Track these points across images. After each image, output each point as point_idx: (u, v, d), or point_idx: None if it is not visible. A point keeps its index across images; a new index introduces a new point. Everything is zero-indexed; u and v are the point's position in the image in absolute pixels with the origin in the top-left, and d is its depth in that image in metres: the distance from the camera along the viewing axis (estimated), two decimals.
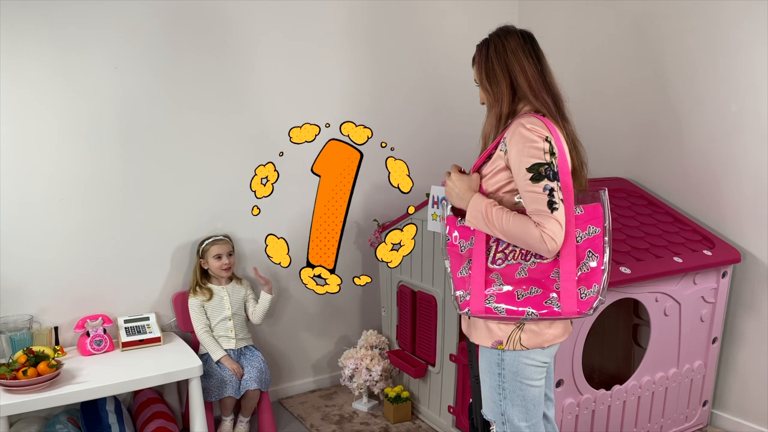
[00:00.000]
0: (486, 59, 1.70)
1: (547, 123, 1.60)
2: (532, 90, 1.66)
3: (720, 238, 2.65)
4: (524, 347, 1.61)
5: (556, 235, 1.50)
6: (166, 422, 2.46)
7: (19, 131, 2.40)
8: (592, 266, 1.54)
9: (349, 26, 3.06)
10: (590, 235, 1.55)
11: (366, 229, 3.23)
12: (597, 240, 1.54)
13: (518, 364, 1.62)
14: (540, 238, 1.49)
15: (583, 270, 1.54)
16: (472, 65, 1.79)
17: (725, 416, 2.77)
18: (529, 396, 1.65)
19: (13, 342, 2.35)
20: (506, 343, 1.61)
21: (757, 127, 2.55)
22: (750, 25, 2.53)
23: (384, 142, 2.85)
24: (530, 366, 1.63)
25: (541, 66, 1.70)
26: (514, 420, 1.67)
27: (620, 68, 3.05)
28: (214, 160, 2.80)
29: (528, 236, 1.51)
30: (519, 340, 1.60)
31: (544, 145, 1.54)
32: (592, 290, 1.54)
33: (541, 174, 1.52)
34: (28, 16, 2.35)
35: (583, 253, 1.55)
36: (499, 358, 1.63)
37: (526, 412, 1.66)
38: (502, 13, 3.52)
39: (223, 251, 2.68)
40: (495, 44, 1.70)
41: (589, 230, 1.55)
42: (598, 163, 3.20)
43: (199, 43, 2.69)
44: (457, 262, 1.66)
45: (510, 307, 1.56)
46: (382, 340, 3.07)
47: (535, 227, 1.50)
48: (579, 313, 1.54)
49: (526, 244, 1.53)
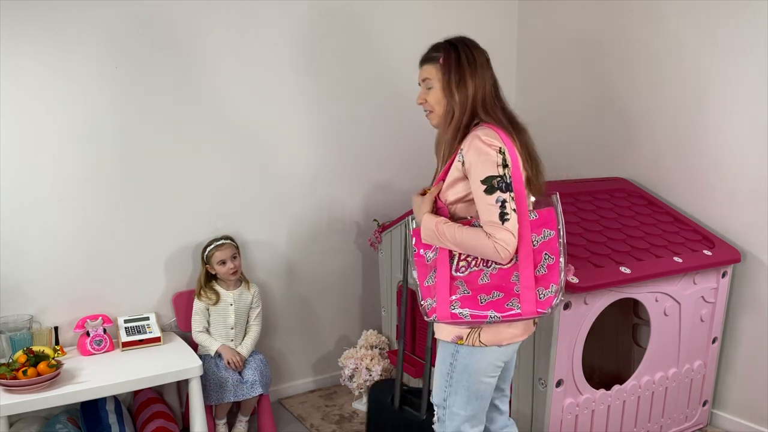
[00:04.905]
0: (458, 66, 1.72)
1: (502, 134, 1.66)
2: (485, 106, 1.72)
3: (720, 238, 2.65)
4: (483, 344, 1.70)
5: (508, 244, 1.58)
6: (166, 422, 2.46)
7: (19, 131, 2.40)
8: (549, 266, 1.62)
9: (356, 33, 3.06)
10: (546, 239, 1.63)
11: (366, 229, 3.23)
12: (552, 242, 1.63)
13: (471, 358, 1.72)
14: (493, 247, 1.58)
15: (541, 272, 1.63)
16: (425, 63, 1.79)
17: (725, 416, 2.77)
18: (473, 389, 1.75)
19: (13, 342, 2.35)
20: (466, 338, 1.70)
21: (757, 127, 2.55)
22: (750, 25, 2.53)
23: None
24: (483, 362, 1.72)
25: (496, 83, 1.77)
26: (454, 407, 1.78)
27: (620, 68, 3.05)
28: (214, 160, 2.80)
29: (481, 246, 1.60)
30: (478, 337, 1.70)
31: (498, 158, 1.61)
32: (549, 290, 1.62)
33: (494, 186, 1.60)
34: (29, 17, 2.35)
35: (540, 256, 1.63)
36: (455, 350, 1.73)
37: (467, 402, 1.77)
38: (502, 13, 3.53)
39: (227, 256, 2.65)
40: (466, 54, 1.73)
41: (545, 233, 1.63)
42: (598, 163, 3.21)
43: (198, 43, 2.69)
44: (424, 272, 1.74)
45: (474, 311, 1.64)
46: (382, 340, 3.07)
47: (487, 238, 1.59)
48: (539, 313, 1.62)
49: (480, 253, 1.62)
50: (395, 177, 3.29)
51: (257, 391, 2.60)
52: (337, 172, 3.13)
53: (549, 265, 1.62)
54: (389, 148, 3.27)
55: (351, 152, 3.16)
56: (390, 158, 3.27)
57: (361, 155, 3.19)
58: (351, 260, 3.25)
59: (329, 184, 3.12)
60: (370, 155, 3.22)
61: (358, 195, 3.22)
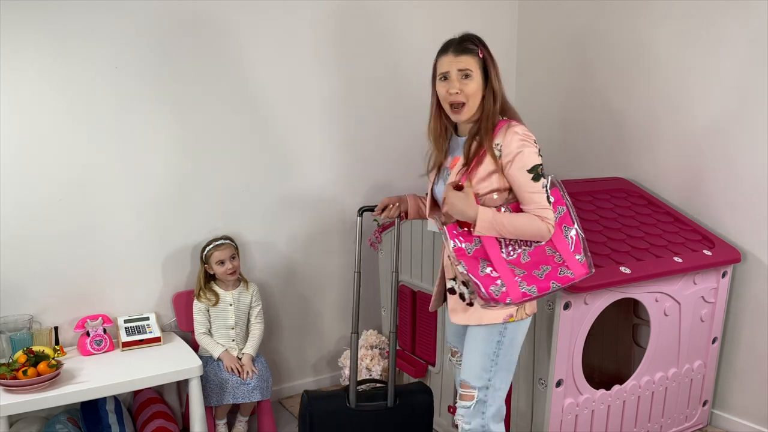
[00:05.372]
0: (493, 60, 1.82)
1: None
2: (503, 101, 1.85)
3: (720, 238, 2.65)
4: (527, 315, 1.86)
5: (553, 224, 1.77)
6: (166, 422, 2.46)
7: (19, 131, 2.40)
8: (572, 237, 1.82)
9: (345, 25, 3.06)
10: (560, 214, 1.83)
11: (366, 229, 3.23)
12: (566, 217, 1.84)
13: (517, 331, 1.86)
14: (547, 229, 1.76)
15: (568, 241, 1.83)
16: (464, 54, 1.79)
17: (725, 416, 2.77)
18: (513, 359, 1.89)
19: (13, 342, 2.35)
20: (516, 314, 1.83)
21: (757, 127, 2.55)
22: (751, 25, 2.53)
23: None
24: (525, 332, 1.89)
25: None
26: (498, 384, 1.87)
27: (620, 68, 3.05)
28: (214, 160, 2.80)
29: (537, 229, 1.75)
30: (524, 309, 1.85)
31: (536, 148, 1.77)
32: (582, 255, 1.83)
33: (539, 174, 1.76)
34: (29, 16, 2.35)
35: (561, 229, 1.83)
36: (502, 328, 1.83)
37: (509, 376, 1.90)
38: (502, 13, 3.53)
39: (226, 256, 2.64)
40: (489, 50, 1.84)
41: (559, 210, 1.83)
42: (598, 163, 3.21)
43: (198, 43, 2.69)
44: (473, 264, 1.79)
45: (539, 285, 1.78)
46: (382, 340, 3.08)
47: (541, 221, 1.75)
48: (587, 273, 1.82)
49: (535, 235, 1.77)
50: (395, 177, 3.29)
51: (256, 397, 2.60)
52: (337, 171, 3.13)
53: (571, 236, 1.82)
54: (389, 147, 3.26)
55: (351, 152, 3.16)
56: (390, 158, 3.27)
57: (362, 155, 3.19)
58: (351, 260, 3.25)
59: (329, 184, 3.12)
60: (370, 155, 3.22)
61: (358, 195, 3.22)
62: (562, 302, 2.12)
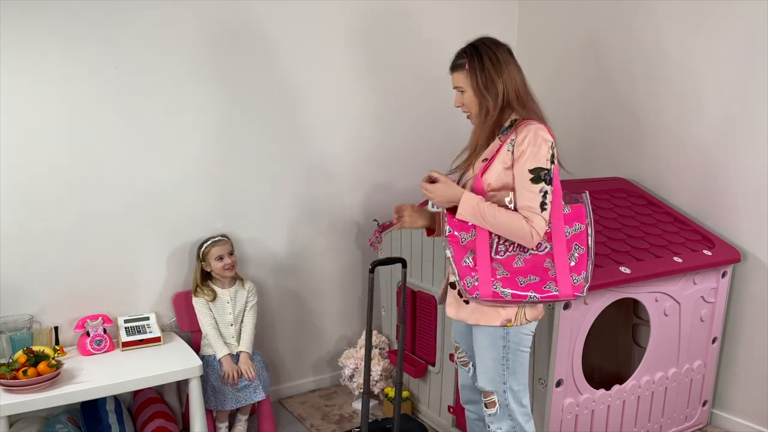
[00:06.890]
0: (482, 68, 1.84)
1: (550, 130, 1.81)
2: (520, 100, 1.85)
3: (720, 238, 2.65)
4: (528, 321, 1.86)
5: (540, 230, 1.74)
6: (166, 422, 2.46)
7: (19, 131, 2.40)
8: (579, 256, 1.82)
9: (355, 33, 3.06)
10: (576, 231, 1.83)
11: (366, 229, 3.23)
12: (582, 235, 1.84)
13: (520, 335, 1.86)
14: (528, 231, 1.73)
15: (572, 261, 1.82)
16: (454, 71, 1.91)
17: (725, 416, 2.77)
18: (523, 362, 1.90)
19: (13, 342, 2.35)
20: (514, 319, 1.84)
21: (757, 127, 2.55)
22: (752, 25, 2.53)
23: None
24: (527, 336, 1.89)
25: (523, 77, 1.90)
26: (515, 386, 1.90)
27: (620, 67, 3.05)
28: (214, 160, 2.80)
29: (517, 229, 1.74)
30: (524, 315, 1.85)
31: (548, 153, 1.77)
32: (581, 277, 1.82)
33: (540, 177, 1.75)
34: (30, 15, 2.35)
35: (570, 246, 1.82)
36: (504, 332, 1.85)
37: (523, 376, 1.91)
38: (502, 13, 3.52)
39: (225, 251, 2.65)
40: (488, 55, 1.84)
41: (576, 227, 1.83)
42: (598, 163, 3.21)
43: (198, 43, 2.69)
44: (460, 252, 1.81)
45: (514, 291, 1.78)
46: (382, 340, 3.08)
47: (525, 222, 1.73)
48: (574, 296, 1.81)
49: (513, 235, 1.75)
50: (395, 177, 3.29)
51: (260, 396, 2.60)
52: (337, 171, 3.13)
53: (579, 254, 1.82)
54: (390, 147, 3.26)
55: (351, 152, 3.16)
56: (390, 158, 3.27)
57: (362, 155, 3.19)
58: (351, 260, 3.25)
59: (329, 184, 3.12)
60: (370, 155, 3.22)
61: (358, 195, 3.22)
62: (562, 302, 2.12)
